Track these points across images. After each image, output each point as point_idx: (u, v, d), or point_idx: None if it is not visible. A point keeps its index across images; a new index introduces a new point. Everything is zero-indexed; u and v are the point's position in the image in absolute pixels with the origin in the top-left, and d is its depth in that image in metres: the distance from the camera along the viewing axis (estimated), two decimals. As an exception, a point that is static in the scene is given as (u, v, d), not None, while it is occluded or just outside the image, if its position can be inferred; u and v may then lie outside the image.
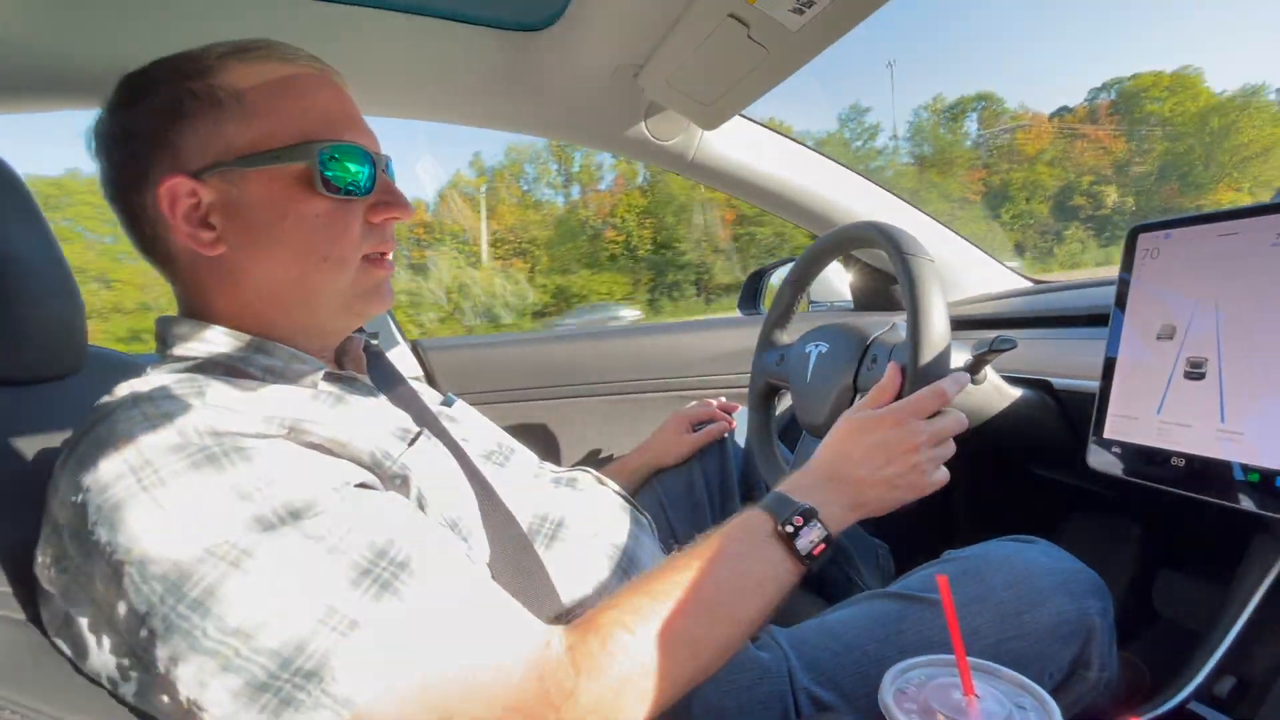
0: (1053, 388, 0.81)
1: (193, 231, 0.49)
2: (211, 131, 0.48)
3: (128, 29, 0.80)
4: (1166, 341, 0.58)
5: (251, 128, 0.48)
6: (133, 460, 0.38)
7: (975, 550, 0.63)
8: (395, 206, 0.53)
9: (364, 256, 0.53)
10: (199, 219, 0.49)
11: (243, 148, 0.48)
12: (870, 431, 0.56)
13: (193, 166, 0.48)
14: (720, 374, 1.33)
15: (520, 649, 0.41)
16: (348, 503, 0.41)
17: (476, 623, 0.41)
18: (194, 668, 0.36)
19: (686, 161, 1.17)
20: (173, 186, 0.48)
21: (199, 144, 0.48)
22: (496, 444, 0.66)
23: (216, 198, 0.49)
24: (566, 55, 0.95)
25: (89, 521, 0.38)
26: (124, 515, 0.37)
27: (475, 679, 0.39)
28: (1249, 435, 0.51)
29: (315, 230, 0.50)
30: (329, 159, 0.49)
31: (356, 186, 0.50)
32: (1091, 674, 0.56)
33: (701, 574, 0.46)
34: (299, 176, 0.49)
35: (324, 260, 0.50)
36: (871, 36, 65.36)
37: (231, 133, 0.48)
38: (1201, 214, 0.57)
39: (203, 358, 0.49)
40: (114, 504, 0.37)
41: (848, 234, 0.84)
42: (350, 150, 0.50)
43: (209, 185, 0.48)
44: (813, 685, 0.54)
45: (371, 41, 0.92)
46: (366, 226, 0.52)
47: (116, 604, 0.37)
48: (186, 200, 0.48)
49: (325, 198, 0.49)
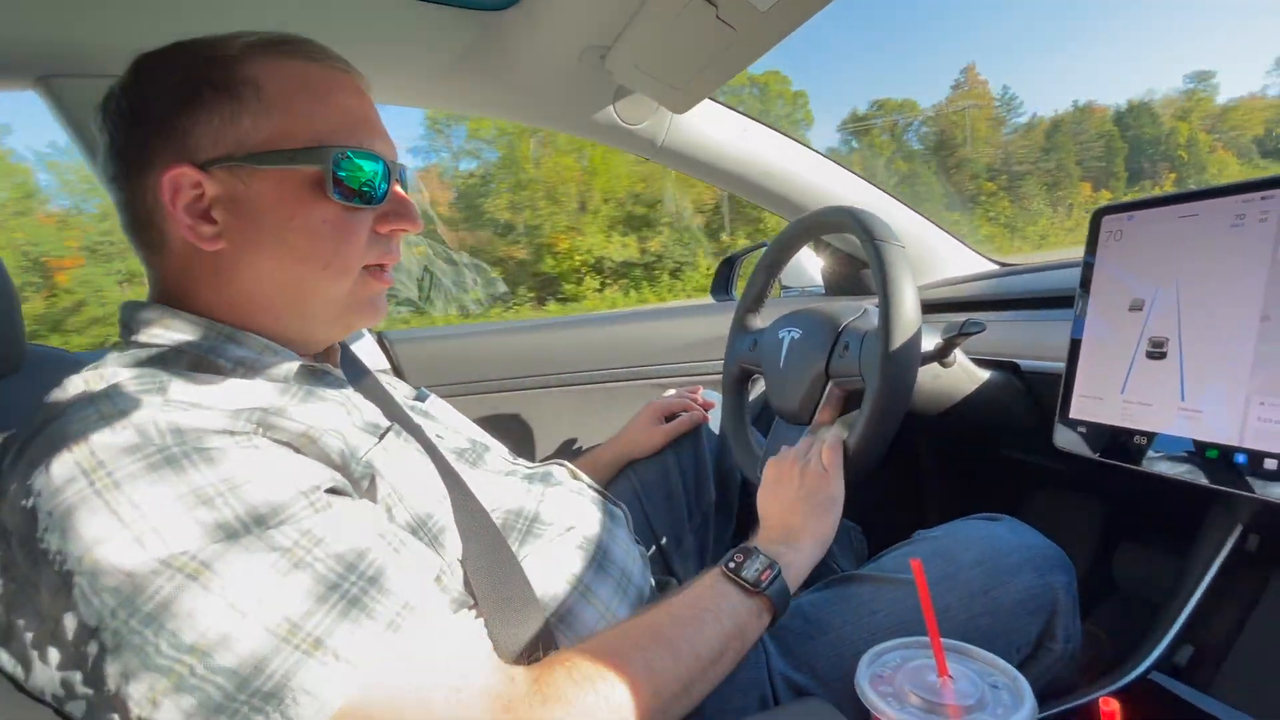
0: (1019, 369, 0.83)
1: (193, 224, 0.46)
2: (226, 123, 0.46)
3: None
4: (1130, 323, 0.59)
5: (268, 124, 0.47)
6: (86, 462, 0.36)
7: (944, 530, 0.64)
8: (405, 219, 0.52)
9: (364, 267, 0.51)
10: (200, 211, 0.47)
11: (256, 144, 0.46)
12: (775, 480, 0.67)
13: (201, 157, 0.46)
14: (693, 361, 1.33)
15: (488, 678, 0.40)
16: (318, 511, 0.39)
17: (447, 647, 0.40)
18: (145, 686, 0.34)
19: (656, 146, 1.15)
20: (177, 176, 0.45)
21: (211, 135, 0.46)
22: (469, 440, 0.64)
23: (222, 192, 0.46)
24: (531, 36, 0.93)
25: (39, 528, 0.35)
26: (75, 522, 0.35)
27: (442, 706, 0.38)
28: (1207, 413, 0.53)
29: (321, 237, 0.48)
30: (344, 165, 0.47)
31: (369, 196, 0.49)
32: (1057, 646, 0.58)
33: (658, 611, 0.49)
34: (311, 180, 0.47)
35: (325, 268, 0.49)
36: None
37: (246, 127, 0.46)
38: (1164, 195, 0.58)
39: (168, 346, 0.47)
40: (65, 509, 0.35)
41: (820, 219, 0.84)
42: (366, 158, 0.48)
43: (215, 178, 0.46)
44: (788, 670, 0.54)
45: (327, 20, 0.88)
46: (373, 236, 0.51)
47: (63, 616, 0.35)
48: (190, 191, 0.46)
49: (335, 204, 0.48)
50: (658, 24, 0.82)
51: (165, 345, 0.47)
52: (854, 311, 0.80)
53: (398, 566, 0.40)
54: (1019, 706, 0.39)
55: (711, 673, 0.48)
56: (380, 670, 0.36)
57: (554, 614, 0.52)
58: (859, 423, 0.67)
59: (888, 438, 0.67)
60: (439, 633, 0.41)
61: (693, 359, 1.32)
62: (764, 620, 0.52)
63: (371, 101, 0.52)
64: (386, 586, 0.39)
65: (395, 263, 0.54)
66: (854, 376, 0.74)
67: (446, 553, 0.48)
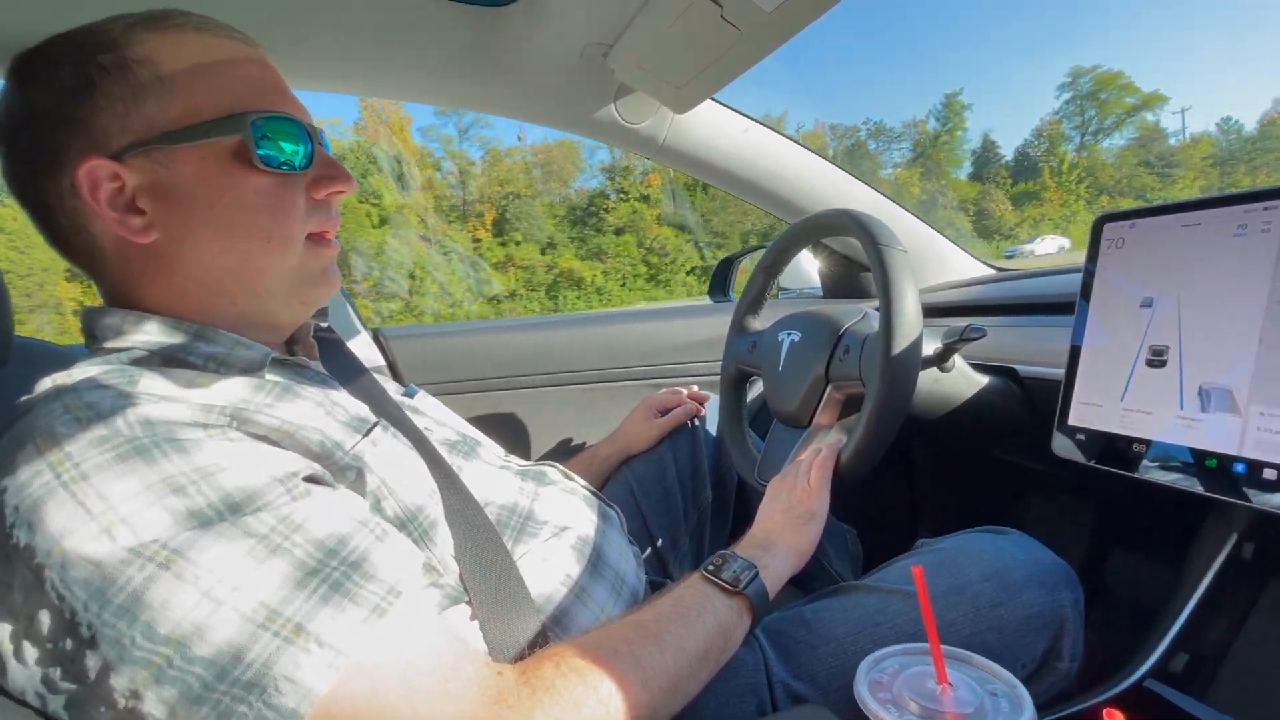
0: (1018, 375, 0.83)
1: (120, 218, 0.45)
2: (129, 108, 0.44)
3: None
4: (1130, 330, 0.59)
5: (175, 102, 0.45)
6: (52, 455, 0.35)
7: (950, 542, 0.64)
8: (338, 180, 0.50)
9: (308, 235, 0.50)
10: (125, 204, 0.45)
11: (167, 124, 0.44)
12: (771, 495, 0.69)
13: (111, 147, 0.44)
14: (691, 361, 1.32)
15: (477, 669, 0.39)
16: (295, 498, 0.38)
17: (434, 636, 0.39)
18: (125, 678, 0.33)
19: (657, 145, 1.15)
20: (91, 170, 0.44)
21: (116, 122, 0.44)
22: (460, 435, 0.63)
23: (143, 180, 0.45)
24: (533, 32, 0.92)
25: (6, 524, 0.35)
26: (42, 515, 0.34)
27: (429, 696, 0.37)
28: (1206, 422, 0.53)
29: (256, 209, 0.47)
30: (263, 131, 0.46)
31: (295, 160, 0.47)
32: (1062, 665, 0.57)
33: (643, 611, 0.50)
34: (233, 152, 0.45)
35: (268, 242, 0.47)
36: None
37: (152, 108, 0.44)
38: (1166, 204, 0.58)
39: (138, 350, 0.46)
40: (32, 503, 0.34)
41: (821, 222, 0.83)
42: (284, 121, 0.47)
43: (132, 167, 0.44)
44: (789, 678, 0.54)
45: (328, 14, 0.87)
46: (310, 203, 0.49)
47: (38, 613, 0.34)
48: (109, 184, 0.44)
49: (264, 173, 0.46)
50: (661, 23, 0.82)
51: (135, 349, 0.45)
52: (855, 315, 0.79)
53: (382, 553, 0.39)
54: (1018, 715, 0.39)
55: (698, 671, 0.48)
56: (365, 657, 0.35)
57: (549, 615, 0.51)
58: (858, 426, 0.67)
59: (887, 441, 0.67)
60: (426, 620, 0.40)
61: (690, 359, 1.32)
62: (745, 621, 0.52)
63: (274, 67, 0.50)
64: (370, 572, 0.38)
65: (337, 228, 0.53)
66: (854, 380, 0.73)
67: (439, 548, 0.47)
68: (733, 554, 0.56)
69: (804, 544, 0.62)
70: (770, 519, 0.65)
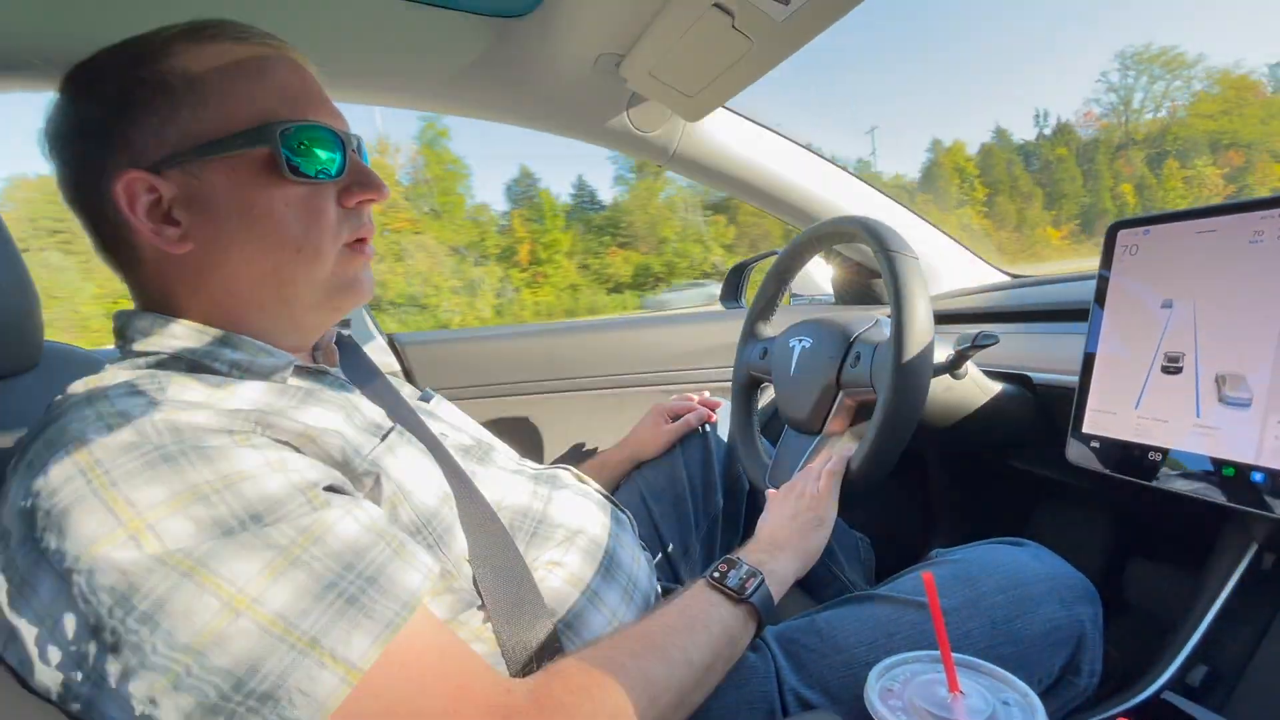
0: (1031, 382, 0.82)
1: (156, 229, 0.46)
2: (165, 121, 0.45)
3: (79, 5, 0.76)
4: (1145, 337, 0.59)
5: (207, 114, 0.45)
6: (83, 461, 0.36)
7: (966, 553, 0.63)
8: (369, 188, 0.51)
9: (342, 245, 0.50)
10: (161, 215, 0.46)
11: (200, 136, 0.45)
12: (779, 500, 0.70)
13: (149, 160, 0.45)
14: (703, 367, 1.33)
15: (486, 688, 0.40)
16: (316, 509, 0.39)
17: (446, 653, 0.40)
18: (145, 684, 0.34)
19: (670, 154, 1.16)
20: (129, 182, 0.45)
21: (153, 135, 0.45)
22: (475, 439, 0.64)
23: (178, 192, 0.46)
24: (547, 43, 0.93)
25: (37, 528, 0.36)
26: (72, 520, 0.35)
27: (438, 715, 0.37)
28: (1224, 430, 0.52)
29: (286, 220, 0.47)
30: (293, 141, 0.46)
31: (327, 169, 0.48)
32: (1081, 680, 0.56)
33: (649, 621, 0.50)
34: (263, 162, 0.46)
35: (299, 252, 0.48)
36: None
37: (187, 121, 0.45)
38: (1181, 211, 0.58)
39: (166, 353, 0.47)
40: (62, 509, 0.35)
41: (833, 229, 0.84)
42: (314, 129, 0.47)
43: (168, 179, 0.46)
44: (800, 686, 0.53)
45: (347, 25, 0.89)
46: (341, 212, 0.50)
47: (63, 616, 0.35)
48: (145, 196, 0.46)
49: (294, 183, 0.47)
50: (673, 32, 0.83)
51: (163, 352, 0.47)
52: (866, 322, 0.79)
53: (398, 567, 0.40)
54: (1031, 724, 0.38)
55: (705, 681, 0.48)
56: (377, 674, 0.36)
57: (561, 618, 0.52)
58: (869, 433, 0.67)
59: (898, 449, 0.67)
60: (438, 637, 0.40)
61: (702, 365, 1.32)
62: (751, 628, 0.53)
63: (311, 75, 0.50)
64: (385, 587, 0.38)
65: (372, 235, 0.53)
66: (865, 387, 0.73)
67: (453, 551, 0.48)
68: (738, 559, 0.56)
69: (810, 549, 0.62)
70: (777, 523, 0.65)
